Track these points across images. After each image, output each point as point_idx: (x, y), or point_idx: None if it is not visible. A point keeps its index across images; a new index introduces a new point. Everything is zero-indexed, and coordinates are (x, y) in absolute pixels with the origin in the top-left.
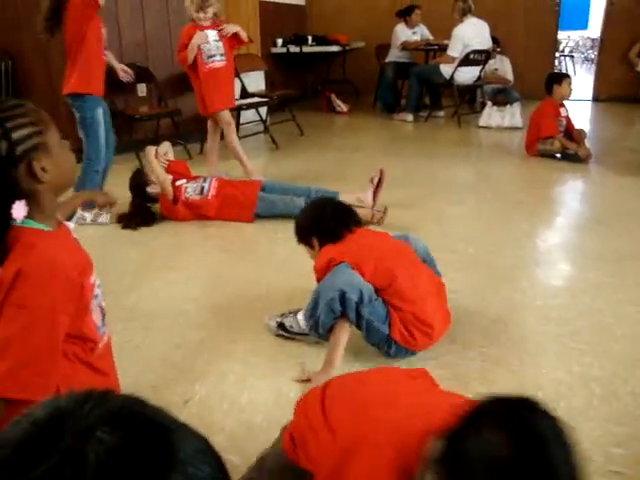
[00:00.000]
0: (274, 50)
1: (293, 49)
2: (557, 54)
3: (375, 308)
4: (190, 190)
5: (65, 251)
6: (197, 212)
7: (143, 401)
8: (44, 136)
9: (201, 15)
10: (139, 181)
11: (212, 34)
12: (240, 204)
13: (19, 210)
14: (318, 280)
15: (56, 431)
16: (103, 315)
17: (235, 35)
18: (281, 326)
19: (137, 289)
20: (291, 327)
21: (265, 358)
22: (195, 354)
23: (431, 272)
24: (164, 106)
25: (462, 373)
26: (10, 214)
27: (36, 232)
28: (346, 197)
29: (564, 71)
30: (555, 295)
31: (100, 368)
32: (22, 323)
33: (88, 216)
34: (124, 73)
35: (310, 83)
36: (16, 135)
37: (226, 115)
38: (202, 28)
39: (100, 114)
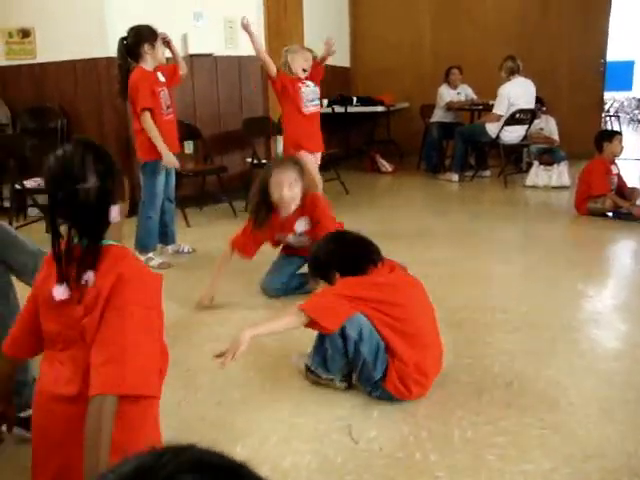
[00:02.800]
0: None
1: (338, 109)
2: (603, 114)
3: (376, 354)
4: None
5: None
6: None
7: (219, 452)
8: None
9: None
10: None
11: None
12: None
13: (115, 212)
14: None
15: None
16: None
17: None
18: (312, 372)
19: (178, 343)
20: (317, 369)
21: (310, 419)
22: (237, 413)
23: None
24: (210, 163)
25: (521, 441)
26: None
27: (121, 248)
28: None
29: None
30: (618, 358)
31: None
32: (148, 322)
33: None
34: None
35: (354, 143)
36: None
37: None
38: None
39: (159, 166)
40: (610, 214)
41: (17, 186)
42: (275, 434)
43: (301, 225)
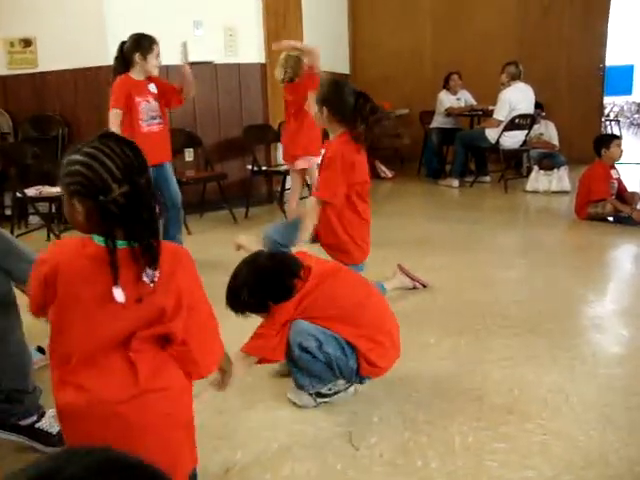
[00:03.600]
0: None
1: None
2: (603, 119)
3: (341, 347)
4: None
5: None
6: None
7: (125, 455)
8: None
9: None
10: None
11: None
12: None
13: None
14: None
15: None
16: None
17: None
18: (319, 395)
19: None
20: (330, 389)
21: (310, 426)
22: (237, 421)
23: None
24: (210, 170)
25: (522, 447)
26: None
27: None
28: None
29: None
30: (619, 363)
31: None
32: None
33: None
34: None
35: None
36: None
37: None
38: None
39: None
40: (610, 218)
41: (18, 194)
42: (275, 441)
43: None
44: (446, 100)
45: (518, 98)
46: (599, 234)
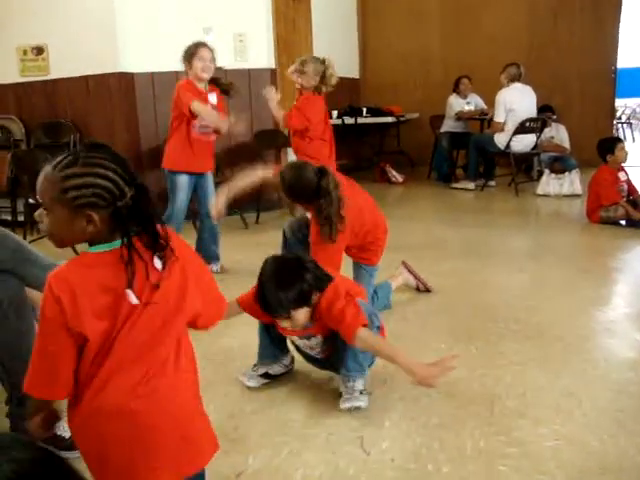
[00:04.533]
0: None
1: (348, 120)
2: (614, 121)
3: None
4: None
5: None
6: None
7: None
8: None
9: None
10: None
11: None
12: None
13: None
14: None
15: None
16: None
17: None
18: (362, 393)
19: None
20: (364, 390)
21: (322, 431)
22: (249, 425)
23: None
24: (220, 176)
25: (534, 452)
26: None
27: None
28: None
29: (622, 138)
30: (632, 368)
31: None
32: None
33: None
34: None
35: (364, 154)
36: None
37: None
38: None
39: (182, 182)
40: (623, 222)
41: (31, 200)
42: (287, 446)
43: None
44: (456, 104)
45: (513, 99)
46: (611, 237)
